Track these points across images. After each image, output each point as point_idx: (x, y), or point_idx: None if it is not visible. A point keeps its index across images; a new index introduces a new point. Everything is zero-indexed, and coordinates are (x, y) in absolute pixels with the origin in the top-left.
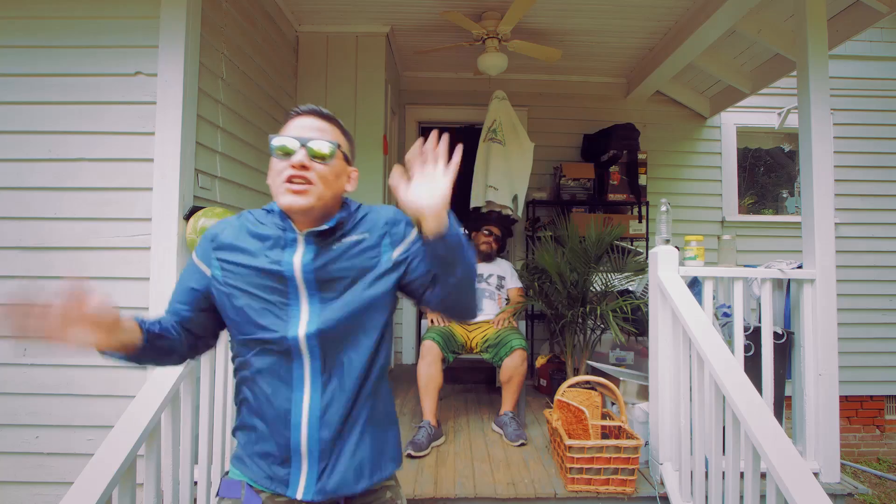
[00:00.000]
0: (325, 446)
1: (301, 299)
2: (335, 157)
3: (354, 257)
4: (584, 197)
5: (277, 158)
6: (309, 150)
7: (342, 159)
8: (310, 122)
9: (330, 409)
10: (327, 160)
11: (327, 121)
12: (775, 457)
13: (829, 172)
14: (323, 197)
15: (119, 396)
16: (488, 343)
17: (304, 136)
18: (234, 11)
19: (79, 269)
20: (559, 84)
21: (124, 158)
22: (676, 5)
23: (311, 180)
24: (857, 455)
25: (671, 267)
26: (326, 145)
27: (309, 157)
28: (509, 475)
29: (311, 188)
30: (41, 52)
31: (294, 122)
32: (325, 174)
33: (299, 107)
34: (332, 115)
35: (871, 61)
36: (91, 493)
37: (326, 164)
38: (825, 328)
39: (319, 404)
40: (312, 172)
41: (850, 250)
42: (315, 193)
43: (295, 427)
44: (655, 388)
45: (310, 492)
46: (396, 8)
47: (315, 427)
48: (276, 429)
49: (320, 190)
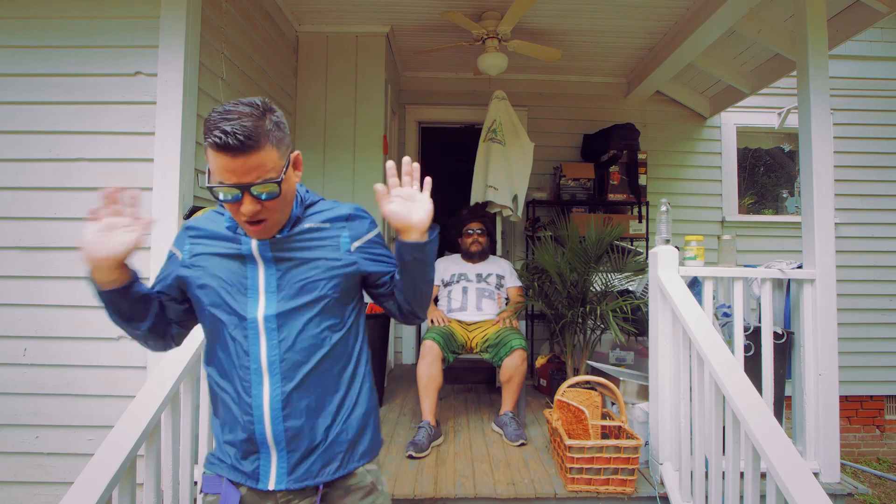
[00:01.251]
0: (292, 434)
1: (259, 279)
2: (282, 183)
3: (311, 242)
4: (584, 197)
5: (224, 201)
6: (253, 195)
7: (288, 172)
8: (238, 164)
9: (293, 397)
10: (276, 194)
11: (254, 149)
12: (775, 457)
13: (829, 172)
14: (282, 221)
15: (119, 396)
16: (488, 343)
17: (244, 182)
18: (234, 11)
19: (79, 269)
20: (559, 84)
21: (124, 158)
22: (676, 5)
23: (265, 217)
24: (857, 455)
25: (671, 267)
26: (271, 186)
27: (257, 201)
28: (509, 475)
29: (268, 223)
30: (41, 52)
31: (218, 161)
32: (280, 204)
33: (212, 133)
34: (250, 137)
35: (871, 61)
36: (91, 493)
37: (276, 197)
38: (825, 328)
39: (280, 392)
40: (266, 210)
41: (850, 250)
42: (274, 223)
43: (258, 418)
44: (655, 388)
45: (282, 481)
46: (396, 8)
47: (279, 416)
48: (242, 420)
49: (277, 217)
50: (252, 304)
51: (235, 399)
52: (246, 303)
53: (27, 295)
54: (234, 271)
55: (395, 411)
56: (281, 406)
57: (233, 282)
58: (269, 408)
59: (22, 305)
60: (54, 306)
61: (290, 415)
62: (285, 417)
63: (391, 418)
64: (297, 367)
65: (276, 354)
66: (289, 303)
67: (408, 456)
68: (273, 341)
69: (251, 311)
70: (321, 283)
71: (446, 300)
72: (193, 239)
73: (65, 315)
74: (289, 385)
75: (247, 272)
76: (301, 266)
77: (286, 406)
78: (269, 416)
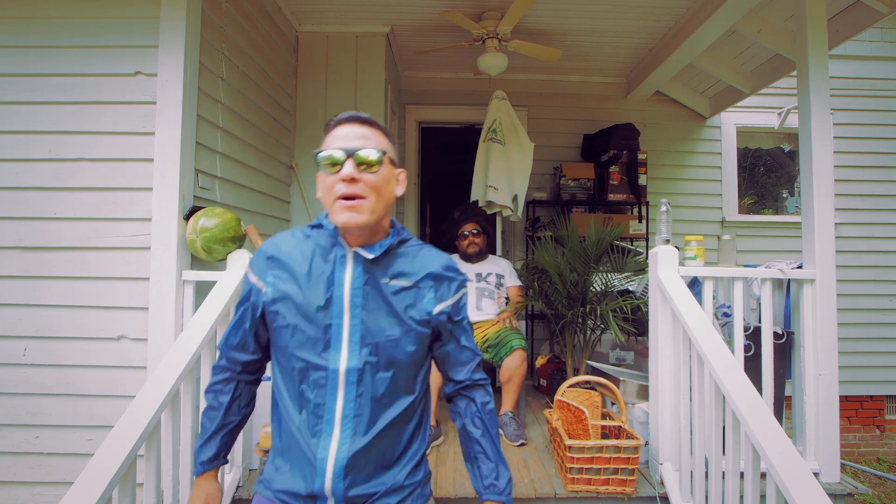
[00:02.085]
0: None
1: (343, 328)
2: (383, 163)
3: (399, 295)
4: (584, 197)
5: (325, 172)
6: (356, 159)
7: (390, 164)
8: (352, 130)
9: (358, 458)
10: (375, 168)
11: (369, 126)
12: (775, 457)
13: (829, 172)
14: (376, 209)
15: (119, 396)
16: (488, 343)
17: (350, 147)
18: (234, 11)
19: (79, 269)
20: (559, 84)
21: (124, 158)
22: (676, 5)
23: (362, 194)
24: (857, 455)
25: (671, 267)
26: (374, 153)
27: (357, 168)
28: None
29: (363, 203)
30: (41, 52)
31: (336, 132)
32: (376, 183)
33: (339, 115)
34: (372, 119)
35: (871, 61)
36: (91, 493)
37: (375, 172)
38: (825, 328)
39: (348, 450)
40: (362, 184)
41: (850, 250)
42: (368, 207)
43: (320, 473)
44: (655, 388)
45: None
46: (396, 8)
47: (340, 475)
48: (301, 469)
49: (373, 202)
50: (334, 354)
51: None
52: (328, 351)
53: (27, 295)
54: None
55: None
56: (345, 463)
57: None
58: (334, 463)
59: (22, 305)
60: (54, 306)
61: (353, 472)
62: (346, 474)
63: None
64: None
65: (352, 409)
66: (369, 358)
67: None
68: (351, 395)
69: (333, 362)
70: (400, 341)
71: None
72: (271, 267)
73: (65, 315)
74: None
75: (332, 314)
76: (385, 318)
77: (351, 464)
78: (332, 471)
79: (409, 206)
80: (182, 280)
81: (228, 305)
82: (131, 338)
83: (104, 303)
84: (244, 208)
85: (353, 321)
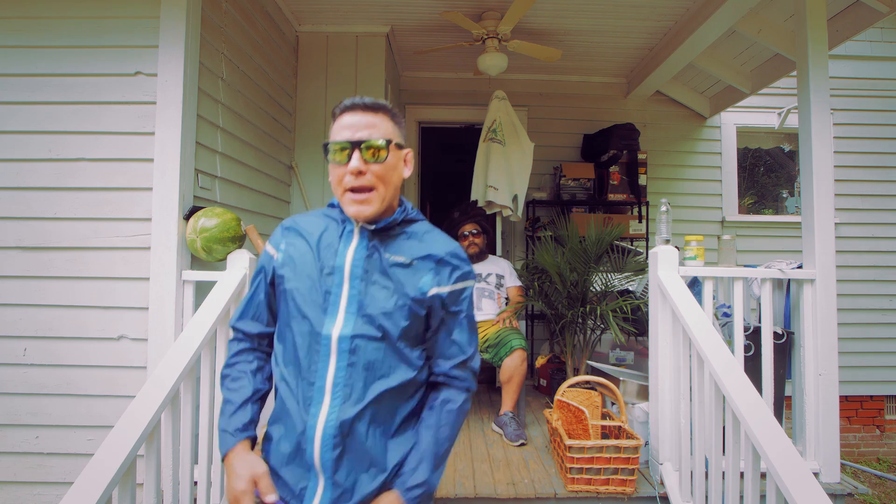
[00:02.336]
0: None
1: (342, 296)
2: (389, 150)
3: (394, 269)
4: (584, 197)
5: (334, 163)
6: (363, 150)
7: (396, 149)
8: (358, 119)
9: (349, 428)
10: (383, 157)
11: (374, 112)
12: (775, 457)
13: (829, 172)
14: (385, 198)
15: (119, 396)
16: (488, 343)
17: (356, 138)
18: (234, 11)
19: (79, 269)
20: (559, 84)
21: (124, 158)
22: (676, 5)
23: (371, 185)
24: (857, 455)
25: (671, 267)
26: (380, 142)
27: (363, 160)
28: (509, 475)
29: (372, 195)
30: (41, 52)
31: (342, 121)
32: (383, 173)
33: (343, 102)
34: (376, 103)
35: (871, 61)
36: (91, 493)
37: (382, 161)
38: (825, 328)
39: (337, 417)
40: (369, 175)
41: (850, 250)
42: (377, 198)
43: (309, 440)
44: (655, 388)
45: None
46: (396, 8)
47: (329, 444)
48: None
49: (382, 192)
50: (330, 319)
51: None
52: (325, 315)
53: (27, 295)
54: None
55: None
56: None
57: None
58: (323, 430)
59: (22, 305)
60: (54, 306)
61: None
62: (335, 445)
63: None
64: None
65: (343, 377)
66: (364, 327)
67: None
68: (342, 363)
69: (327, 327)
70: (395, 314)
71: None
72: (287, 235)
73: (65, 315)
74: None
75: (333, 282)
76: (383, 290)
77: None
78: (320, 439)
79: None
80: (182, 280)
81: (228, 305)
82: (131, 338)
83: (104, 303)
84: (244, 208)
85: (351, 291)
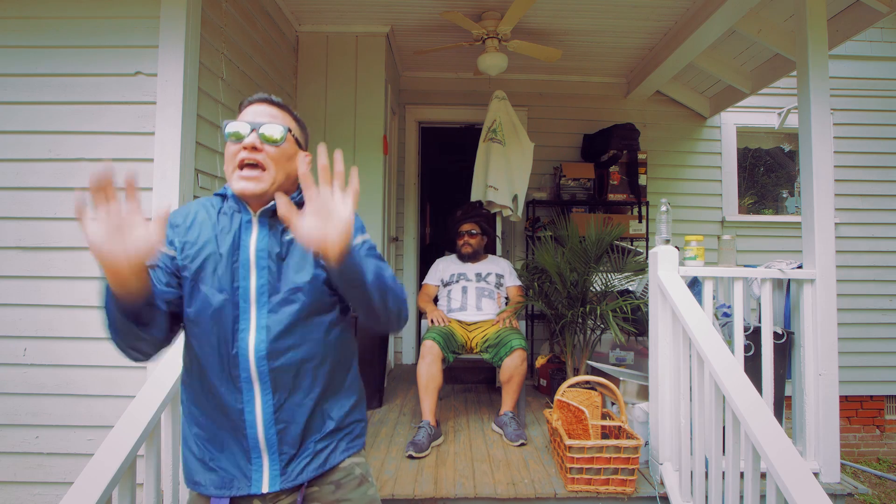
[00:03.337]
0: (284, 439)
1: (251, 280)
2: (286, 140)
3: (293, 245)
4: (584, 197)
5: (231, 143)
6: (261, 134)
7: (293, 143)
8: (261, 109)
9: (286, 404)
10: (278, 143)
11: (278, 108)
12: (775, 457)
13: (829, 172)
14: (276, 180)
15: (119, 396)
16: (488, 343)
17: (256, 122)
18: (234, 11)
19: (79, 269)
20: (559, 84)
21: (124, 158)
22: (676, 5)
23: (263, 164)
24: (857, 455)
25: (671, 267)
26: (278, 129)
27: (260, 141)
28: (509, 475)
29: (263, 174)
30: (41, 52)
31: (247, 110)
32: (277, 157)
33: (251, 96)
34: (282, 103)
35: (871, 61)
36: (91, 493)
37: (277, 146)
38: (825, 328)
39: (272, 400)
40: (263, 155)
41: (850, 250)
42: (267, 179)
43: (250, 425)
44: (655, 388)
45: (275, 483)
46: (396, 8)
47: (270, 423)
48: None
49: (272, 174)
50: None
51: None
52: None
53: (27, 295)
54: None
55: (396, 411)
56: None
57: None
58: (262, 415)
59: (22, 305)
60: (54, 306)
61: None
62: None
63: (391, 418)
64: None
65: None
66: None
67: (408, 456)
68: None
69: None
70: (305, 280)
71: (446, 300)
72: (175, 232)
73: (65, 315)
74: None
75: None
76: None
77: (278, 411)
78: (262, 423)
79: (408, 205)
80: None
81: None
82: None
83: None
84: None
85: (259, 281)
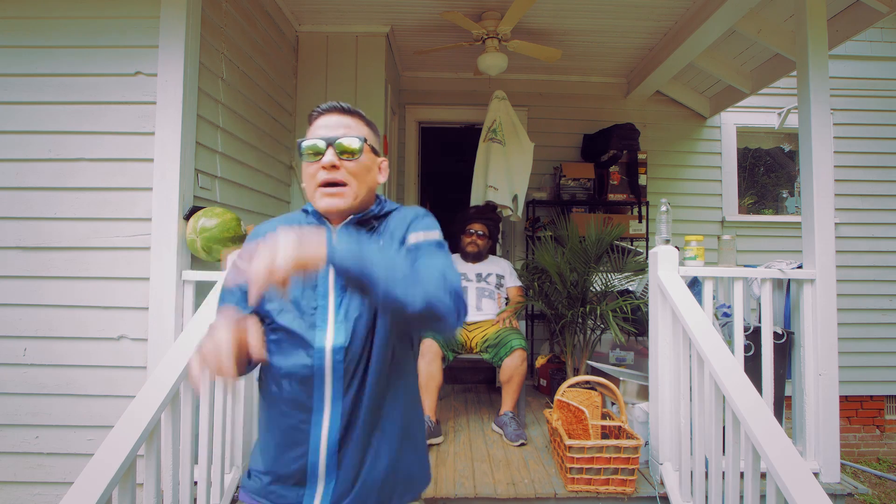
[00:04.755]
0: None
1: (329, 302)
2: (363, 151)
3: None
4: (584, 197)
5: (308, 162)
6: (337, 147)
7: (370, 152)
8: (334, 120)
9: (352, 426)
10: (356, 156)
11: (350, 115)
12: (775, 457)
13: (829, 172)
14: (358, 195)
15: (119, 396)
16: (488, 343)
17: (331, 136)
18: (234, 11)
19: (79, 269)
20: (559, 84)
21: (124, 158)
22: (676, 5)
23: (343, 181)
24: (857, 455)
25: (671, 267)
26: (354, 141)
27: (338, 156)
28: (509, 475)
29: (345, 190)
30: (41, 52)
31: (318, 122)
32: (356, 170)
33: (320, 105)
34: (354, 109)
35: (871, 61)
36: (91, 493)
37: (356, 160)
38: (825, 328)
39: (340, 421)
40: (343, 171)
41: (850, 250)
42: (350, 194)
43: (314, 448)
44: (655, 388)
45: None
46: (396, 8)
47: (334, 446)
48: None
49: (354, 189)
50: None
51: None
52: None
53: (27, 295)
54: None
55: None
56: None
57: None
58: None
59: (22, 305)
60: (54, 306)
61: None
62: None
63: None
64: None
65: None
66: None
67: None
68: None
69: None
70: None
71: None
72: None
73: (65, 315)
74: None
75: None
76: None
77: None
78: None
79: (408, 205)
80: (182, 280)
81: None
82: (131, 338)
83: (104, 303)
84: (244, 208)
85: (336, 300)
